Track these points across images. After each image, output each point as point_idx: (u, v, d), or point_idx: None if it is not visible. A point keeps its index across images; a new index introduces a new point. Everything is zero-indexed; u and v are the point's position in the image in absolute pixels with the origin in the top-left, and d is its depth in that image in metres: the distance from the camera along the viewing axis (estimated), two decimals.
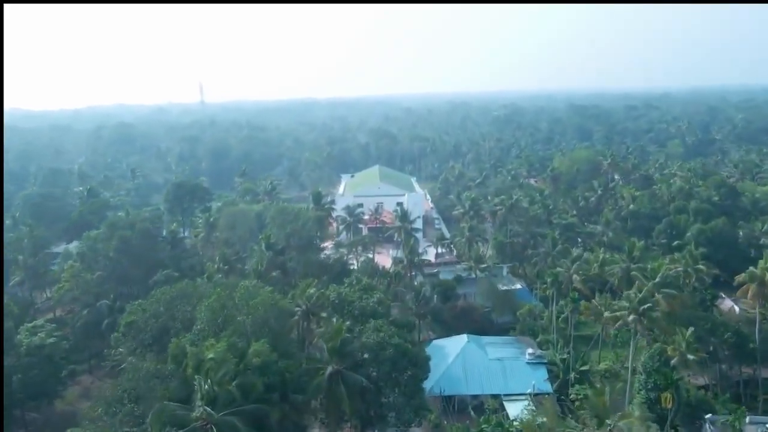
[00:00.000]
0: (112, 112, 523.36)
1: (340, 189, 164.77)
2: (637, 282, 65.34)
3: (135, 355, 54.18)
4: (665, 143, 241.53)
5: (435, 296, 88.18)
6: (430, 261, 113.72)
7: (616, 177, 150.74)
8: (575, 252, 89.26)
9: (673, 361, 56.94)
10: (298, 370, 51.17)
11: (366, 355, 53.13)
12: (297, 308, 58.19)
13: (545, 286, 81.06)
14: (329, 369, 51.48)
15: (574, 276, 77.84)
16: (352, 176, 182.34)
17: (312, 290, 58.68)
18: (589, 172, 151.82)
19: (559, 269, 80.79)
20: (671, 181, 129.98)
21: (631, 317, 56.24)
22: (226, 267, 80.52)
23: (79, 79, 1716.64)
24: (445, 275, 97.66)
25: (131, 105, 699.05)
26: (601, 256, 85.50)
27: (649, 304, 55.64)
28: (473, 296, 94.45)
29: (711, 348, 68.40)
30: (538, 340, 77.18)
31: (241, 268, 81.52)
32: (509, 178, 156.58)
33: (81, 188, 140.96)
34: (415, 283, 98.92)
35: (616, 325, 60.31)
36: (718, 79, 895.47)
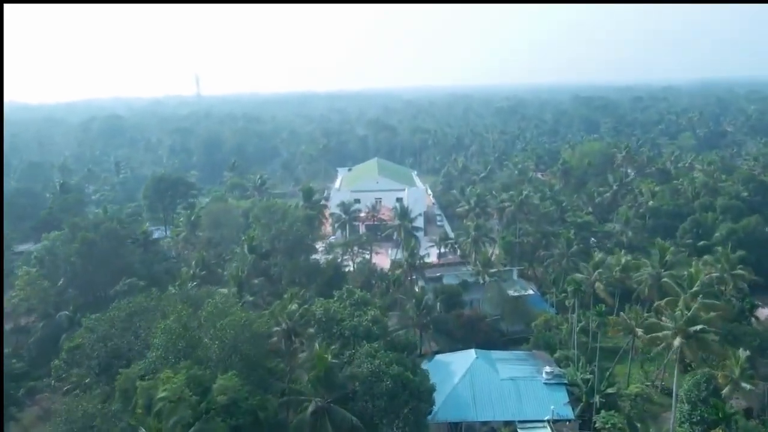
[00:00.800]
0: (107, 105, 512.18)
1: (337, 183, 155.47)
2: (683, 297, 55.69)
3: (83, 385, 44.94)
4: (676, 135, 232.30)
5: (438, 304, 79.31)
6: (432, 263, 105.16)
7: (629, 171, 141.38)
8: (597, 256, 79.90)
9: (724, 391, 47.80)
10: (275, 406, 42.13)
11: (358, 386, 44.00)
12: (277, 327, 49.02)
13: (564, 294, 71.85)
14: (313, 404, 42.47)
15: (597, 284, 68.56)
16: (350, 170, 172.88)
17: (294, 306, 49.45)
18: (602, 166, 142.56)
19: (579, 275, 71.55)
20: (694, 175, 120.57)
21: (677, 340, 46.98)
22: (203, 272, 71.51)
23: (77, 72, 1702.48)
24: (449, 279, 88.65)
25: (128, 98, 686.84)
26: (623, 260, 76.45)
27: (701, 326, 46.28)
28: (480, 303, 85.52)
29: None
30: (555, 355, 68.01)
31: (222, 273, 72.41)
32: (516, 172, 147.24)
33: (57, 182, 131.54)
34: (416, 289, 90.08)
35: (658, 348, 50.90)
36: (722, 71, 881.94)
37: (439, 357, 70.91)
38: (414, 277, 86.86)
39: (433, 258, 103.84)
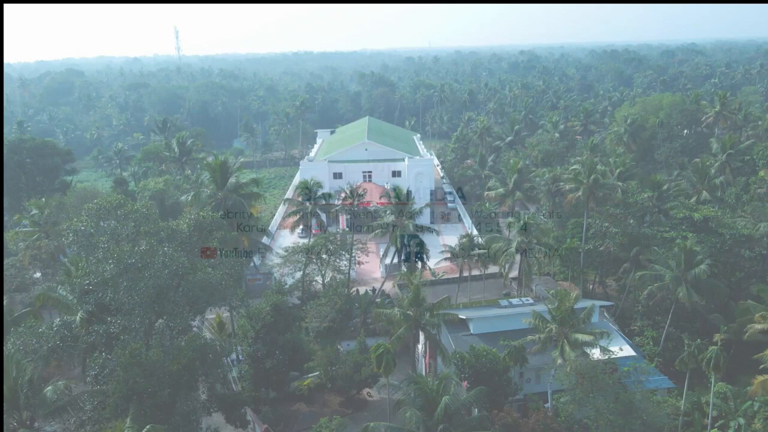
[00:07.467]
0: (84, 63, 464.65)
1: (312, 151, 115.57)
2: None
3: None
4: (734, 91, 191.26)
5: (465, 385, 41.07)
6: (443, 275, 67.55)
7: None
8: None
9: None
10: None
11: None
12: None
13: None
14: None
15: None
16: (332, 132, 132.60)
17: None
18: (674, 127, 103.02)
19: None
20: None
21: None
22: None
23: (65, 31, 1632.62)
24: (480, 327, 49.97)
25: (113, 57, 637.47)
26: None
27: None
28: (537, 376, 47.09)
29: None
30: None
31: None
32: (556, 134, 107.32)
33: None
34: (422, 354, 51.92)
35: None
36: (742, 32, 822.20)
37: None
38: (423, 323, 48.24)
39: (445, 265, 65.53)
